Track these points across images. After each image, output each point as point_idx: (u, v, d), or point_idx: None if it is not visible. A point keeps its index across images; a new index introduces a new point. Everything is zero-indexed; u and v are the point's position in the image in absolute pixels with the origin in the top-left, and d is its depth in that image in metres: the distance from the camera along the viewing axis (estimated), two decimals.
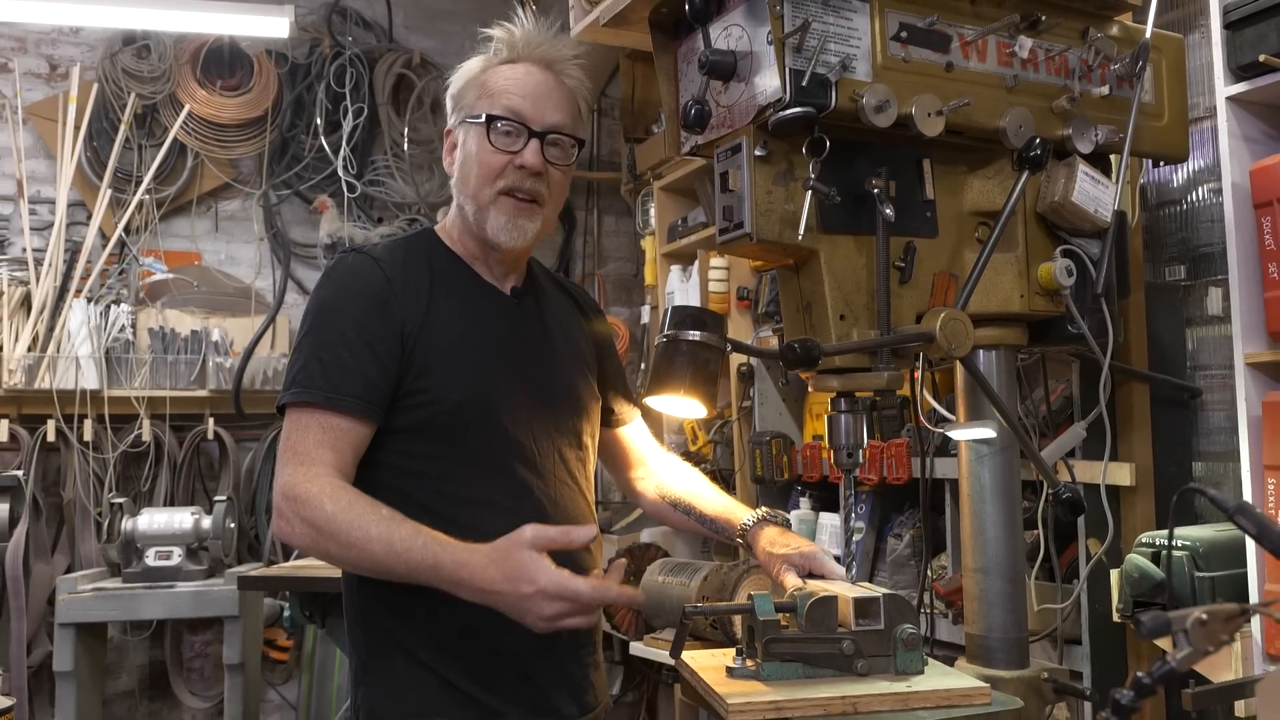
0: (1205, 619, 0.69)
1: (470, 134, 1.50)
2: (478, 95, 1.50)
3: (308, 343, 1.43)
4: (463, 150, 1.51)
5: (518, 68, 1.51)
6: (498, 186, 1.47)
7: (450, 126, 1.55)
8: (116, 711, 3.86)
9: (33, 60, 4.00)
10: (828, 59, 1.35)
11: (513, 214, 1.48)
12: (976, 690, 1.41)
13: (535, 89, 1.49)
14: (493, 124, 1.46)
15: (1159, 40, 1.68)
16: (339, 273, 1.48)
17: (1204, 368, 2.17)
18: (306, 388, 1.38)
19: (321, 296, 1.47)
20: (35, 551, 3.57)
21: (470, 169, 1.49)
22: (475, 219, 1.50)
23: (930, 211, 1.52)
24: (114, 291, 3.90)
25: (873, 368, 1.44)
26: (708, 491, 1.73)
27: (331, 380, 1.38)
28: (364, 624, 1.47)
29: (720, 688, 1.36)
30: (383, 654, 1.44)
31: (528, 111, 1.47)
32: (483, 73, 1.52)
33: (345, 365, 1.39)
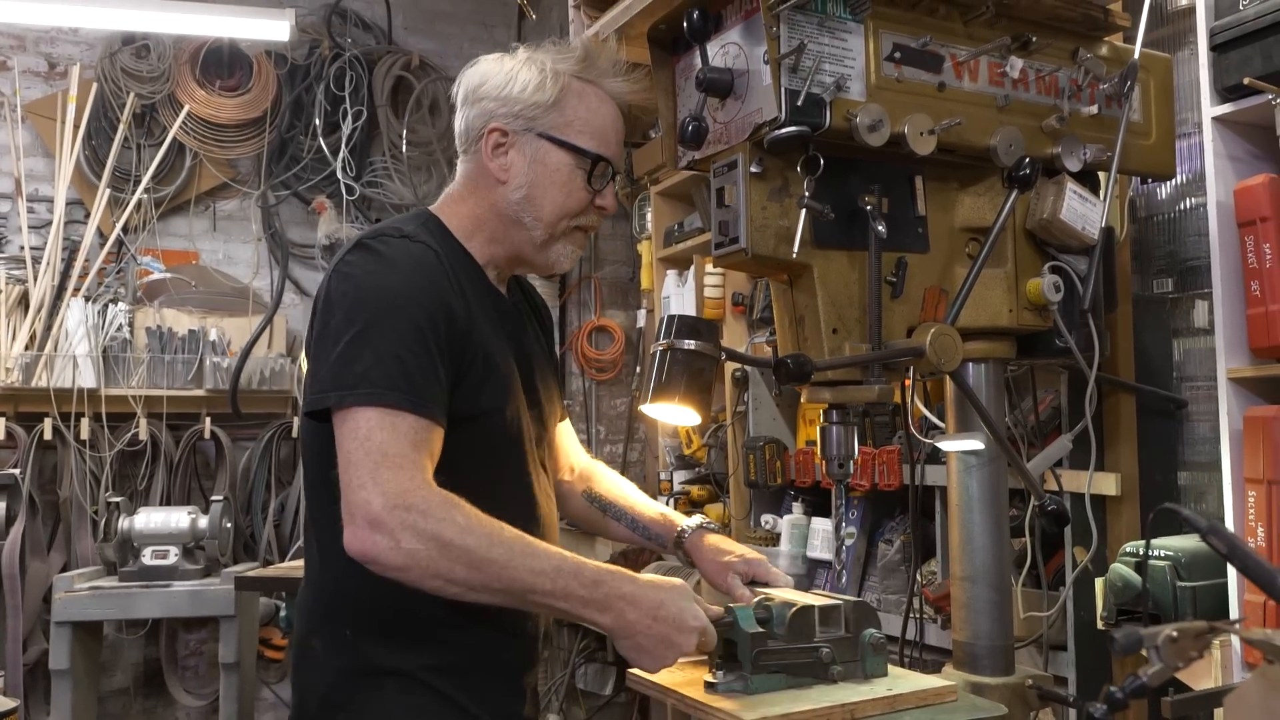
0: (1176, 636, 0.72)
1: (555, 157, 1.44)
2: (568, 119, 1.44)
3: (376, 335, 1.26)
4: (539, 167, 1.44)
5: (605, 101, 1.48)
6: (577, 221, 1.46)
7: (503, 126, 1.43)
8: (111, 709, 3.88)
9: (32, 59, 4.02)
10: (823, 79, 1.38)
11: (579, 246, 1.49)
12: (946, 689, 1.46)
13: (620, 132, 1.49)
14: (598, 165, 1.44)
15: (1147, 60, 1.71)
16: (398, 259, 1.33)
17: (1190, 379, 2.21)
18: (389, 389, 1.23)
19: (383, 284, 1.30)
20: (31, 549, 3.59)
21: (549, 195, 1.44)
22: (539, 242, 1.45)
23: (922, 227, 1.55)
24: (112, 290, 3.92)
25: (864, 381, 1.47)
26: (641, 497, 1.71)
27: (414, 383, 1.25)
28: (352, 650, 1.36)
29: (718, 704, 1.38)
30: (370, 676, 1.36)
31: (618, 157, 1.49)
32: (567, 92, 1.44)
33: (424, 367, 1.26)
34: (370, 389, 1.23)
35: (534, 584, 1.21)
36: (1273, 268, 1.58)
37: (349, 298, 1.30)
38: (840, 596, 1.56)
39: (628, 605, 1.24)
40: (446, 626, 1.35)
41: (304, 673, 1.42)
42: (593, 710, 3.97)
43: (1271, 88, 1.56)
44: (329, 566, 1.38)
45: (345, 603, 1.37)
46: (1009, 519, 1.76)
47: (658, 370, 1.60)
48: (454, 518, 1.19)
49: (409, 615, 1.34)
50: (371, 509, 1.18)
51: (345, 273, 1.33)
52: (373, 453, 1.20)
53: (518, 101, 1.43)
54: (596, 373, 4.31)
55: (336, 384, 1.25)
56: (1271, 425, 1.56)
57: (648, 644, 1.25)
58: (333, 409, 1.25)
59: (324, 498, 1.36)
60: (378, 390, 1.23)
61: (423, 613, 1.32)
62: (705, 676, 1.45)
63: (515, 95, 1.43)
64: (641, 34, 1.60)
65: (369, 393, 1.23)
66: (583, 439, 4.33)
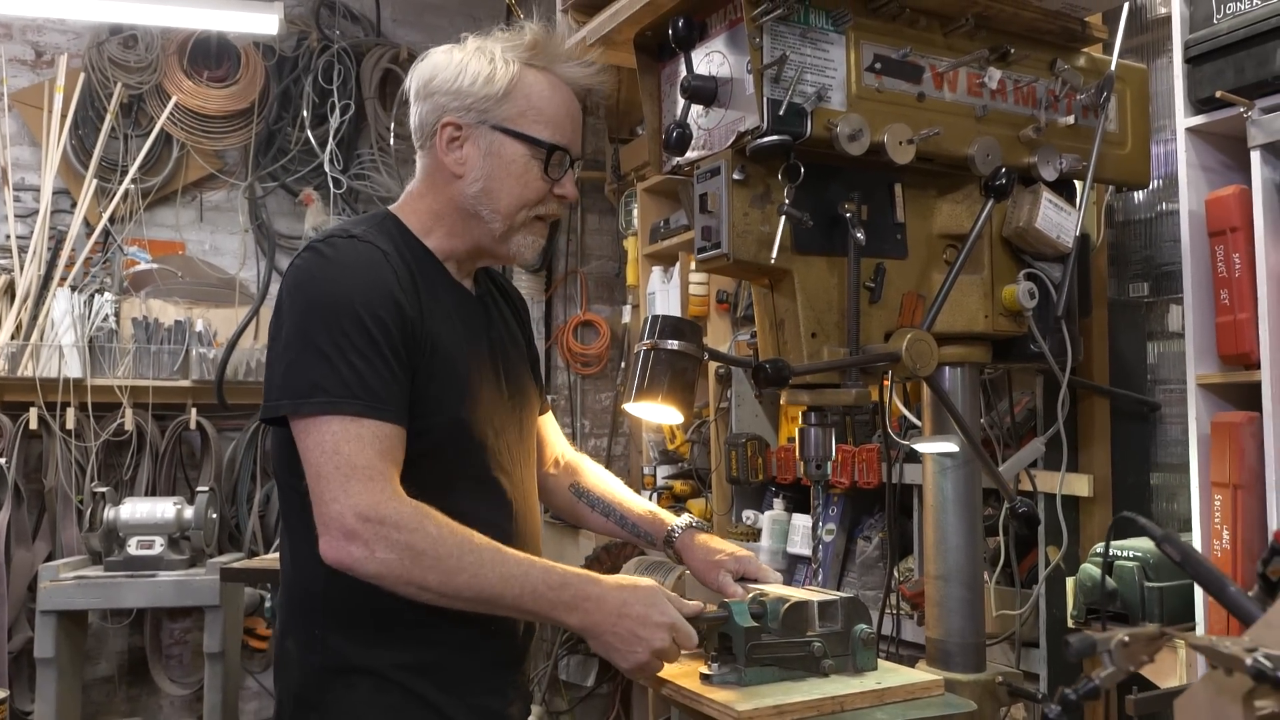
0: (1128, 641, 0.75)
1: (510, 148, 1.42)
2: (521, 109, 1.42)
3: (327, 341, 1.26)
4: (494, 159, 1.42)
5: (559, 88, 1.46)
6: (536, 211, 1.46)
7: (457, 120, 1.41)
8: (95, 697, 3.89)
9: (18, 47, 4.00)
10: (804, 89, 1.41)
11: (539, 235, 1.48)
12: (932, 683, 1.51)
13: (577, 118, 1.48)
14: (554, 155, 1.43)
15: (1124, 71, 1.75)
16: (346, 261, 1.32)
17: (1164, 382, 2.25)
18: (347, 396, 1.24)
19: (331, 289, 1.30)
20: (16, 538, 3.60)
21: (506, 186, 1.42)
22: (498, 234, 1.44)
23: (901, 234, 1.59)
24: (98, 280, 3.91)
25: (842, 384, 1.50)
26: (629, 494, 1.73)
27: (369, 387, 1.25)
28: (321, 645, 1.37)
29: (713, 695, 1.42)
30: (343, 675, 1.36)
31: (574, 144, 1.47)
32: (519, 81, 1.42)
33: (378, 370, 1.27)
34: (326, 397, 1.24)
35: (503, 590, 1.24)
36: (1242, 277, 1.62)
37: (299, 303, 1.31)
38: (833, 593, 1.60)
39: (594, 605, 1.27)
40: (419, 625, 1.35)
41: (281, 672, 1.44)
42: (574, 701, 4.01)
43: (1243, 100, 1.59)
44: (299, 566, 1.39)
45: (316, 602, 1.38)
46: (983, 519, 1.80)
47: (641, 370, 1.63)
48: (426, 528, 1.22)
49: (379, 614, 1.35)
50: (345, 523, 1.21)
51: (295, 278, 1.34)
52: (342, 466, 1.22)
53: (469, 94, 1.41)
54: (582, 367, 4.34)
55: (290, 392, 1.26)
56: (1238, 431, 1.61)
57: (615, 641, 1.28)
58: (289, 417, 1.27)
59: (291, 500, 1.38)
60: (334, 399, 1.24)
61: (394, 611, 1.32)
62: (701, 668, 1.50)
63: (466, 88, 1.41)
64: (628, 40, 1.62)
65: (325, 401, 1.24)
66: (567, 433, 4.36)
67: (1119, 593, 1.71)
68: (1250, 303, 1.60)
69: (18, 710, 3.55)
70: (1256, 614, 0.79)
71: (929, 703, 1.50)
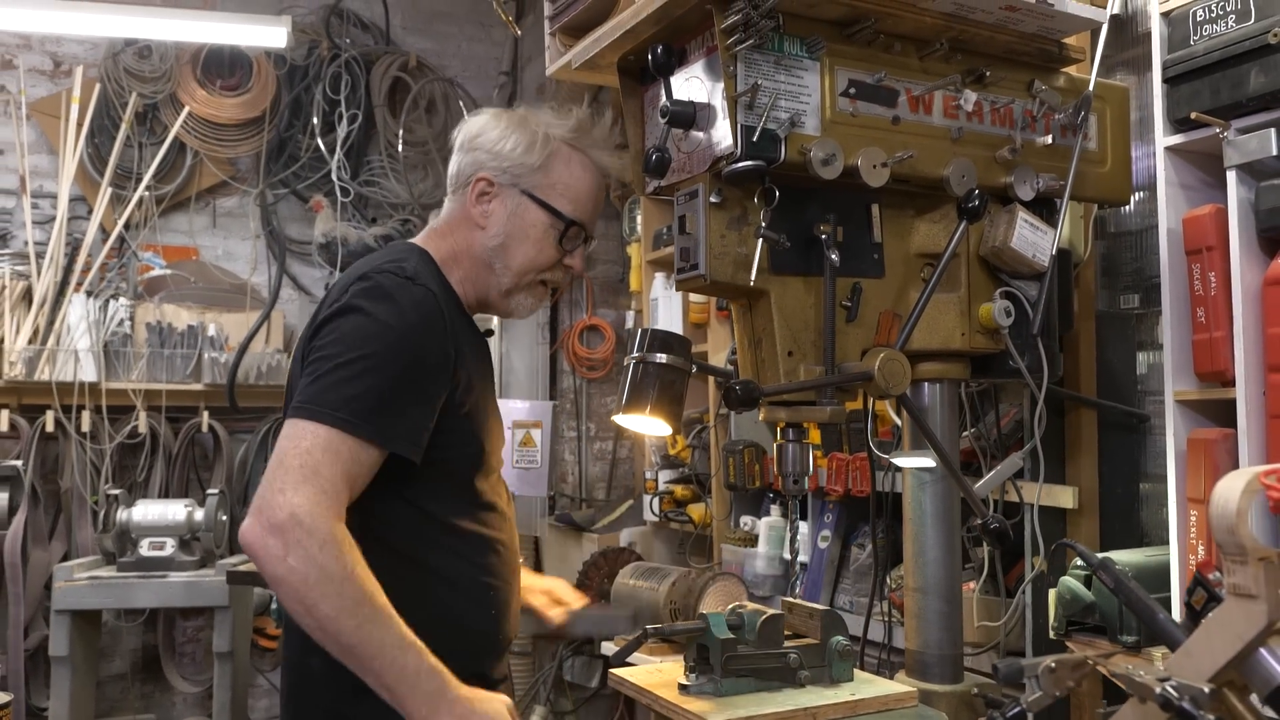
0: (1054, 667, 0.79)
1: (533, 214, 1.55)
2: (551, 181, 1.55)
3: (364, 367, 1.33)
4: (516, 220, 1.55)
5: (589, 168, 1.59)
6: (543, 276, 1.58)
7: (490, 177, 1.54)
8: (109, 694, 3.98)
9: (37, 57, 4.09)
10: (778, 115, 1.44)
11: (539, 298, 1.61)
12: (906, 694, 1.55)
13: (599, 201, 1.61)
14: (571, 229, 1.56)
15: (1103, 90, 1.77)
16: (403, 303, 1.39)
17: (1154, 393, 2.26)
18: (360, 420, 1.30)
19: (389, 324, 1.37)
20: (33, 538, 3.68)
21: (522, 247, 1.55)
22: (502, 290, 1.57)
23: (878, 254, 1.62)
24: (113, 286, 4.00)
25: (818, 401, 1.54)
26: None
27: (387, 417, 1.33)
28: None
29: (689, 705, 1.46)
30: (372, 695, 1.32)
31: (591, 224, 1.60)
32: (555, 156, 1.56)
33: (401, 407, 1.35)
34: (348, 417, 1.30)
35: (377, 653, 1.24)
36: (1217, 295, 1.64)
37: (349, 333, 1.36)
38: (811, 605, 1.64)
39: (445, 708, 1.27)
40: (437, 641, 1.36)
41: (305, 690, 1.46)
42: (579, 702, 4.05)
43: (1218, 121, 1.61)
44: None
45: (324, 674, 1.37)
46: (968, 530, 1.82)
47: (630, 382, 1.67)
48: (345, 559, 1.24)
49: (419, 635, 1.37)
50: (277, 515, 1.23)
51: (351, 307, 1.39)
52: (306, 466, 1.26)
53: (508, 158, 1.55)
54: (587, 371, 4.38)
55: (319, 401, 1.31)
56: (1213, 447, 1.62)
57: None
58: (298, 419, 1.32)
59: None
60: (348, 418, 1.30)
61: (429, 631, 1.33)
62: (679, 679, 1.54)
63: (506, 152, 1.55)
64: (612, 64, 1.66)
65: (342, 418, 1.30)
66: (573, 436, 4.41)
67: (1097, 606, 1.73)
68: (1226, 321, 1.62)
69: (34, 707, 3.63)
70: (1182, 641, 0.82)
71: (903, 714, 1.53)
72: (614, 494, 4.36)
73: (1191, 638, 0.78)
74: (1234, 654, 0.74)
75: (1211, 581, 0.80)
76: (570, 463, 4.41)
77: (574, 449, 4.41)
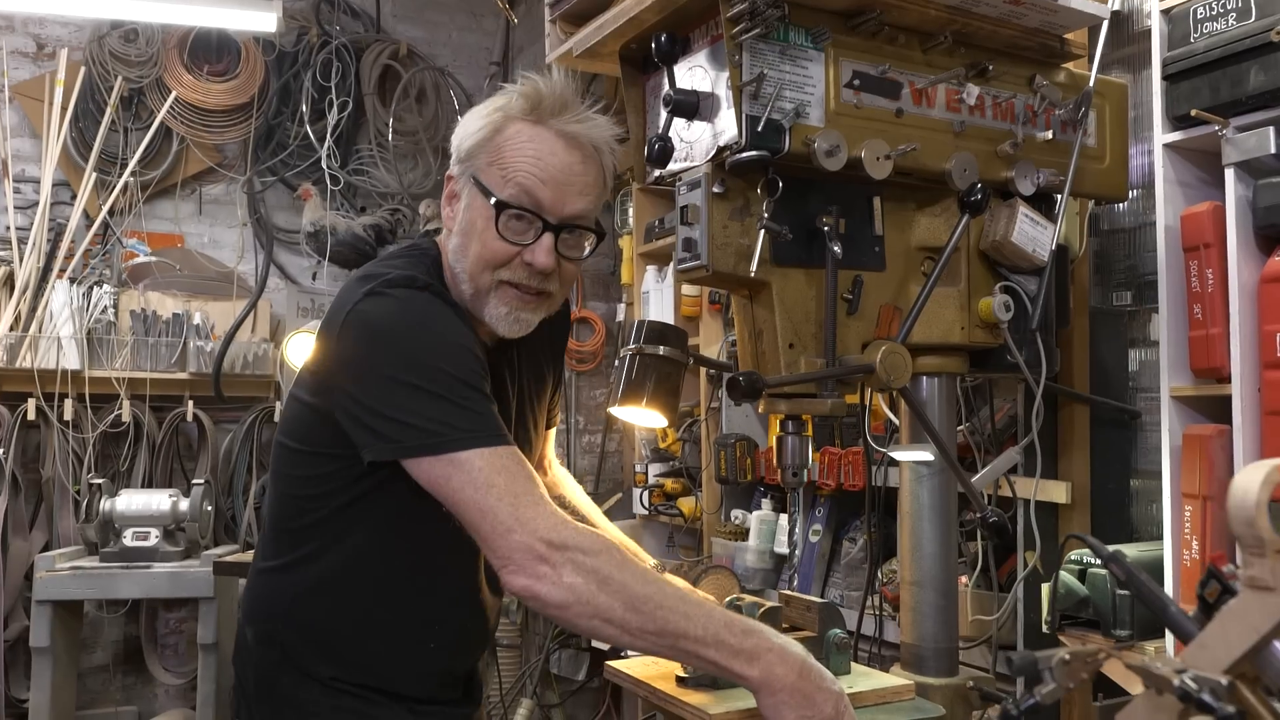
0: (1068, 659, 0.78)
1: (476, 200, 1.35)
2: (490, 159, 1.35)
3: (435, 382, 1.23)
4: (466, 214, 1.37)
5: (542, 137, 1.34)
6: (500, 276, 1.36)
7: (453, 172, 1.41)
8: (91, 685, 3.94)
9: (20, 39, 4.03)
10: (783, 105, 1.43)
11: (515, 306, 1.37)
12: (904, 687, 1.55)
13: (558, 172, 1.34)
14: (503, 211, 1.32)
15: (1103, 86, 1.77)
16: (424, 308, 1.30)
17: (1146, 390, 2.28)
18: (477, 430, 1.22)
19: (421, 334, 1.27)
20: (13, 528, 3.63)
21: (470, 244, 1.36)
22: (471, 299, 1.38)
23: (879, 246, 1.61)
24: (97, 273, 3.95)
25: (819, 394, 1.53)
26: (606, 521, 1.78)
27: (489, 418, 1.24)
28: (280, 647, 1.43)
29: (687, 698, 1.45)
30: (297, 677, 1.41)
31: (545, 200, 1.33)
32: (499, 131, 1.35)
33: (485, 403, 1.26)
34: (459, 434, 1.21)
35: (686, 628, 1.16)
36: (1214, 292, 1.65)
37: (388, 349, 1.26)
38: (809, 598, 1.64)
39: (776, 659, 1.18)
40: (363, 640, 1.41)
41: (239, 657, 1.49)
42: (566, 695, 4.05)
43: (1218, 119, 1.62)
44: (275, 570, 1.46)
45: (281, 606, 1.44)
46: (962, 524, 1.83)
47: (626, 374, 1.66)
48: (611, 554, 1.18)
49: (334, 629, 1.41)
50: (535, 549, 1.16)
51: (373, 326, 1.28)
52: (504, 496, 1.18)
53: (462, 147, 1.39)
54: (577, 363, 4.37)
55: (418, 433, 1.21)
56: (1208, 444, 1.63)
57: (791, 699, 1.17)
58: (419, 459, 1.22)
59: (288, 508, 1.45)
60: (465, 432, 1.21)
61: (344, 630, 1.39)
62: (677, 670, 1.53)
63: (460, 141, 1.40)
64: (614, 52, 1.65)
65: (461, 438, 1.21)
66: (563, 429, 4.40)
67: (1091, 600, 1.74)
68: (1222, 318, 1.63)
69: (14, 698, 3.59)
70: (1195, 634, 0.82)
71: (899, 707, 1.53)
72: (602, 487, 4.35)
73: (1205, 630, 0.78)
74: (1249, 646, 0.74)
75: (1225, 574, 0.80)
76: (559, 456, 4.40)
77: (563, 442, 4.40)
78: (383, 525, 1.40)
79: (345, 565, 1.42)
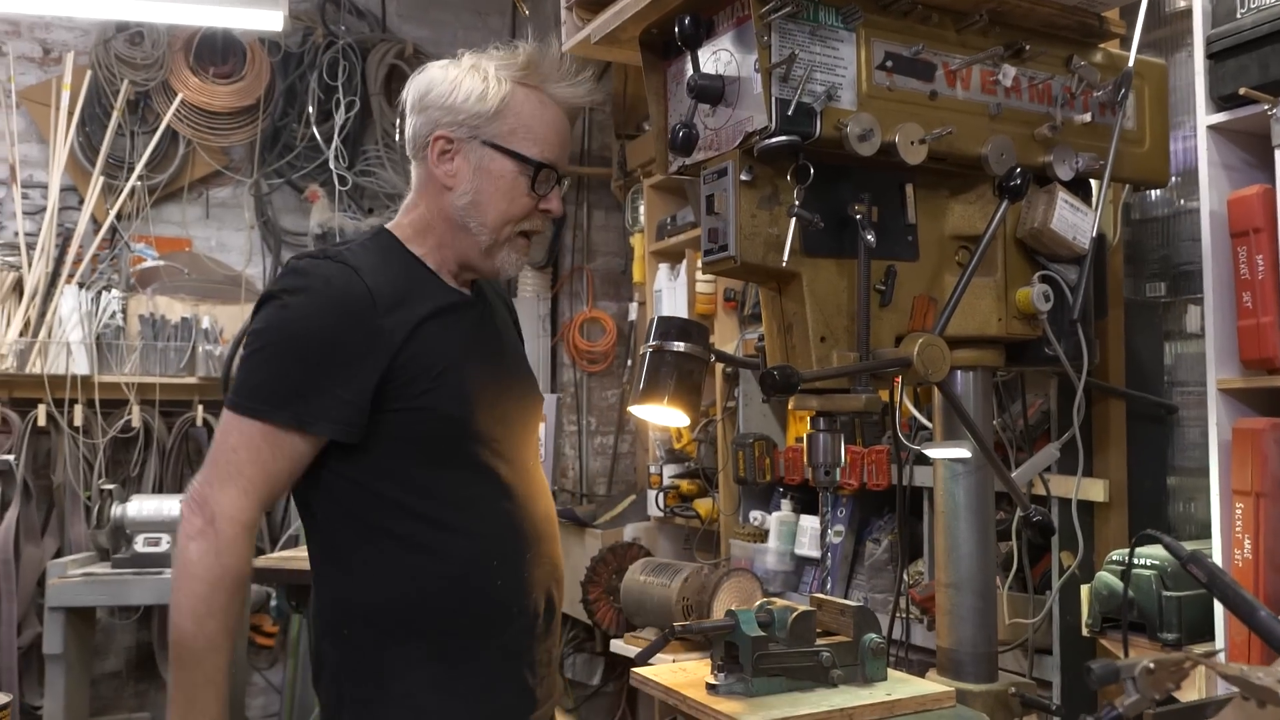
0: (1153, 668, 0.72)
1: (499, 164, 1.46)
2: (512, 128, 1.45)
3: (275, 354, 1.36)
4: (483, 174, 1.46)
5: (548, 105, 1.48)
6: (521, 227, 1.49)
7: (449, 134, 1.45)
8: (104, 692, 3.89)
9: (26, 44, 3.99)
10: (813, 88, 1.37)
11: (523, 253, 1.52)
12: (944, 694, 1.49)
13: (565, 135, 1.51)
14: (541, 172, 1.46)
15: (1142, 67, 1.70)
16: (313, 281, 1.39)
17: (1182, 384, 2.21)
18: (273, 407, 1.33)
19: (295, 304, 1.37)
20: (25, 534, 3.59)
21: (493, 200, 1.46)
22: (484, 248, 1.48)
23: (912, 235, 1.55)
24: (105, 277, 3.90)
25: (851, 389, 1.47)
26: None
27: (305, 399, 1.34)
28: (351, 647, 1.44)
29: (719, 706, 1.40)
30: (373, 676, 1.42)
31: (561, 161, 1.50)
32: (506, 94, 1.45)
33: (319, 385, 1.34)
34: (259, 405, 1.34)
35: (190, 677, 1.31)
36: (1265, 279, 1.58)
37: (262, 319, 1.40)
38: (843, 601, 1.58)
39: None
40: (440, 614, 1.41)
41: (322, 674, 1.48)
42: (580, 699, 3.99)
43: (1267, 97, 1.55)
44: (323, 573, 1.47)
45: (343, 607, 1.45)
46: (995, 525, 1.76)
47: (647, 371, 1.60)
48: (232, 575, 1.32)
49: (400, 612, 1.41)
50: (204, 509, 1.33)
51: (269, 295, 1.42)
52: (227, 459, 1.34)
53: (461, 110, 1.45)
54: (588, 364, 4.31)
55: (237, 390, 1.37)
56: (1261, 438, 1.56)
57: None
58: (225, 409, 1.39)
59: (306, 516, 1.49)
60: (260, 405, 1.34)
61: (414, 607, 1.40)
62: (707, 678, 1.47)
63: (459, 104, 1.45)
64: (633, 38, 1.59)
65: (254, 407, 1.34)
66: (574, 430, 4.34)
67: (1136, 602, 1.67)
68: (1274, 306, 1.56)
69: (28, 705, 3.55)
70: None
71: (940, 714, 1.47)
72: (615, 489, 4.29)
73: None
74: None
75: None
76: (571, 457, 4.34)
77: (574, 443, 4.34)
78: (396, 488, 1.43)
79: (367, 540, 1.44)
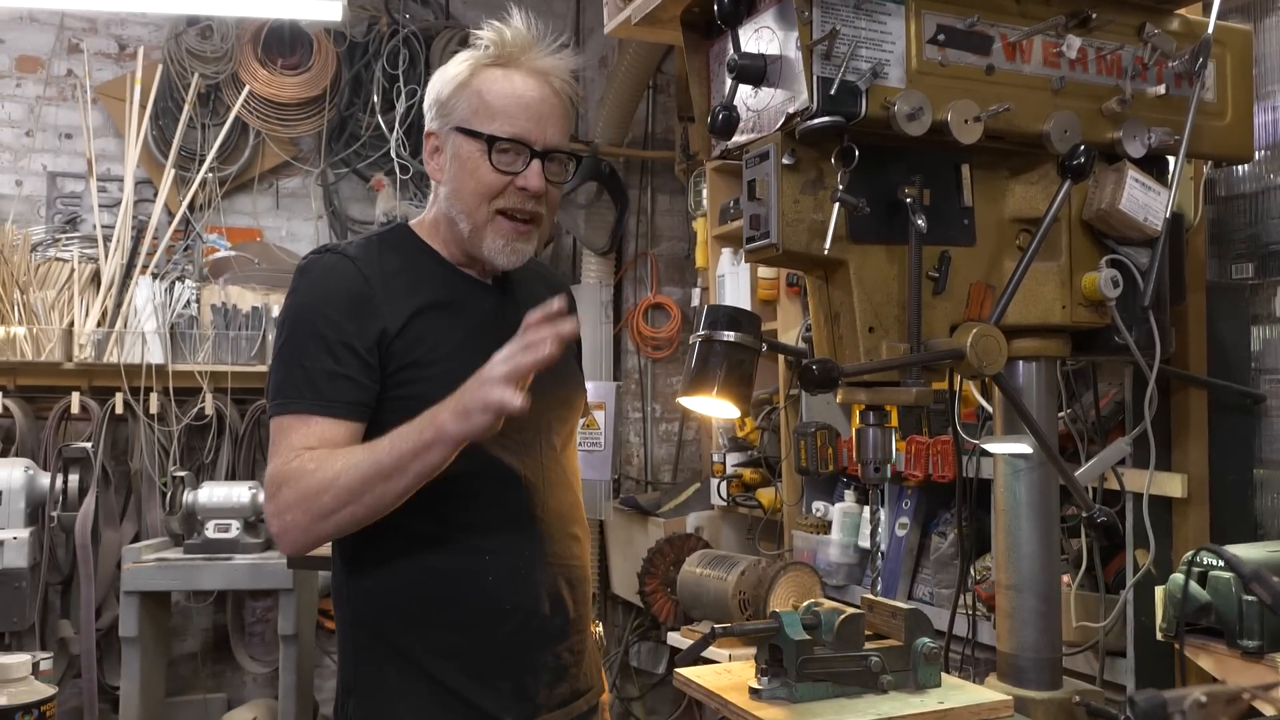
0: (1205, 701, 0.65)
1: (464, 146, 1.47)
2: (473, 107, 1.46)
3: (287, 351, 1.42)
4: (457, 161, 1.48)
5: (514, 79, 1.47)
6: (496, 205, 1.47)
7: (433, 129, 1.51)
8: (182, 672, 4.02)
9: (102, 40, 4.10)
10: (858, 65, 1.30)
11: (510, 237, 1.48)
12: (1001, 703, 1.42)
13: (536, 107, 1.47)
14: (495, 144, 1.45)
15: (1223, 34, 1.58)
16: (312, 274, 1.46)
17: (1270, 371, 2.07)
18: (291, 398, 1.39)
19: (295, 300, 1.45)
20: (104, 519, 3.72)
21: (464, 184, 1.47)
22: (470, 237, 1.48)
23: (968, 219, 1.47)
24: (179, 268, 4.00)
25: (902, 381, 1.40)
26: None
27: (316, 387, 1.38)
28: (354, 631, 1.48)
29: (761, 712, 1.35)
30: (374, 663, 1.46)
31: (531, 132, 1.46)
32: (473, 77, 1.47)
33: (328, 369, 1.39)
34: (281, 401, 1.39)
35: (379, 461, 1.30)
36: None
37: (278, 320, 1.48)
38: (894, 603, 1.52)
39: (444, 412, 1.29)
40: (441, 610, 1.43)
41: (338, 655, 1.54)
42: (646, 688, 3.97)
43: None
44: (337, 558, 1.51)
45: (351, 591, 1.48)
46: (1060, 523, 1.67)
47: (696, 361, 1.55)
48: (305, 465, 1.33)
49: (404, 590, 1.44)
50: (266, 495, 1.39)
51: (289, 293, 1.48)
52: (272, 454, 1.39)
53: (438, 103, 1.50)
54: (652, 350, 4.27)
55: (268, 398, 1.44)
56: None
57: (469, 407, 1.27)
58: None
59: None
60: (282, 401, 1.39)
61: (415, 587, 1.43)
62: (750, 682, 1.42)
63: (438, 97, 1.50)
64: (675, 17, 1.54)
65: (278, 404, 1.40)
66: (638, 417, 4.31)
67: (1214, 606, 1.56)
68: None
69: (106, 685, 3.68)
70: None
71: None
72: (680, 477, 4.25)
73: None
74: None
75: None
76: (635, 445, 4.31)
77: (639, 430, 4.31)
78: None
79: None
